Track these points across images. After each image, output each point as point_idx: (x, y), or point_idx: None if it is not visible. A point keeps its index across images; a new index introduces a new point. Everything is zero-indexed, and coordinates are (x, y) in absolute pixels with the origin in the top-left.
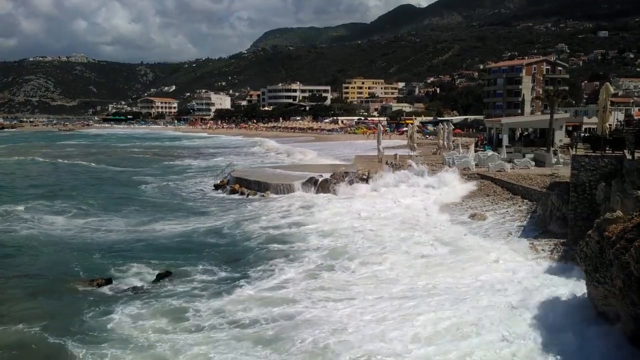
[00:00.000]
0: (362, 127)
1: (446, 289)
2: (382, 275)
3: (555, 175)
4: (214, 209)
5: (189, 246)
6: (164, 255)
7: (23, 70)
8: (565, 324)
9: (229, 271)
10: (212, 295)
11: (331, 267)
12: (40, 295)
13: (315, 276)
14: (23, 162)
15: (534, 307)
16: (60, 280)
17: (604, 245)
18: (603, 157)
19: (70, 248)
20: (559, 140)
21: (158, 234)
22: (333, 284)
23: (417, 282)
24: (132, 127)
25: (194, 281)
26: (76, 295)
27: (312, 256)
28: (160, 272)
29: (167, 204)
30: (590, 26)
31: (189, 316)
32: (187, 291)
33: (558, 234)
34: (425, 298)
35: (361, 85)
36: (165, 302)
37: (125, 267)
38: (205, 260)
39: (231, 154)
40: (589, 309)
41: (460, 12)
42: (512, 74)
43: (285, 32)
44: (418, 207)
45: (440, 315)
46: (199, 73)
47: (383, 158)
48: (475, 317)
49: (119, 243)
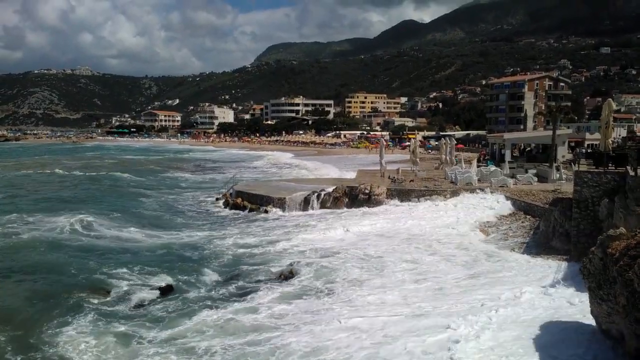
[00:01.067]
0: (364, 141)
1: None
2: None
3: (558, 191)
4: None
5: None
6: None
7: (28, 82)
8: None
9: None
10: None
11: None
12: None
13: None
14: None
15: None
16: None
17: (607, 262)
18: (606, 173)
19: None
20: (562, 156)
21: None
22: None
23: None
24: (136, 140)
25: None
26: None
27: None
28: (162, 286)
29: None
30: (592, 42)
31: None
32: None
33: (561, 250)
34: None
35: (364, 100)
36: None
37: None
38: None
39: (237, 167)
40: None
41: (463, 27)
42: (514, 90)
43: (288, 46)
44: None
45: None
46: (203, 87)
47: (385, 172)
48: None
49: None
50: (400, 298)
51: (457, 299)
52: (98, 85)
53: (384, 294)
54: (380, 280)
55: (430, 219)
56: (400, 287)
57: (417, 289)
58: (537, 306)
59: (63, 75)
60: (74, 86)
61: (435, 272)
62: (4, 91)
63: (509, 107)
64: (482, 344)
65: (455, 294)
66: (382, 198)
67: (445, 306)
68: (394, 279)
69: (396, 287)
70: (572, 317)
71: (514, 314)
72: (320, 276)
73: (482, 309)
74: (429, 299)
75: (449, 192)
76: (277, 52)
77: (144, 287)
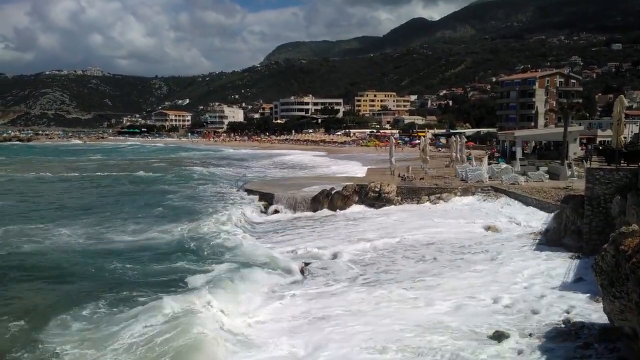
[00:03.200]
0: (373, 140)
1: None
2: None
3: (569, 188)
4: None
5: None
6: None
7: (39, 83)
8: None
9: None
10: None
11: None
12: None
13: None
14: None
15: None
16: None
17: (619, 259)
18: (618, 170)
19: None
20: (573, 153)
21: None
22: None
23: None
24: (147, 140)
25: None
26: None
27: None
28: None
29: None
30: (603, 39)
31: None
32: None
33: (572, 247)
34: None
35: (373, 98)
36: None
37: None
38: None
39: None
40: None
41: (473, 25)
42: (525, 87)
43: (297, 45)
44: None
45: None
46: (213, 86)
47: (395, 171)
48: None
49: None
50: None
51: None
52: (109, 86)
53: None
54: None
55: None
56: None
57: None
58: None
59: (74, 76)
60: (85, 87)
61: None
62: (16, 92)
63: (520, 105)
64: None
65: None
66: (392, 196)
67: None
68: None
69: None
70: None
71: None
72: None
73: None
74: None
75: (460, 190)
76: (286, 51)
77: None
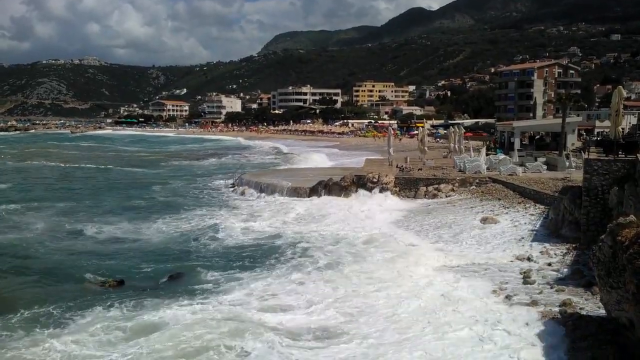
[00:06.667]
0: (372, 130)
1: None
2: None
3: (567, 179)
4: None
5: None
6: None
7: (36, 73)
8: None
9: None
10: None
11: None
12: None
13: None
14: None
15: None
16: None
17: (617, 249)
18: (616, 160)
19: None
20: (571, 144)
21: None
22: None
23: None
24: (145, 129)
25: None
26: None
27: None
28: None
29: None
30: (602, 29)
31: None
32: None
33: (570, 238)
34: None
35: (372, 89)
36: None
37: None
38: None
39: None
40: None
41: (472, 14)
42: (523, 77)
43: (295, 35)
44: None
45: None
46: (210, 76)
47: (393, 161)
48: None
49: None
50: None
51: None
52: (106, 76)
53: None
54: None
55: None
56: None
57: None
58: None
59: (71, 66)
60: (82, 76)
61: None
62: (13, 82)
63: (518, 95)
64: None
65: None
66: (390, 186)
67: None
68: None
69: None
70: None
71: None
72: None
73: None
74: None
75: (457, 181)
76: (284, 41)
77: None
